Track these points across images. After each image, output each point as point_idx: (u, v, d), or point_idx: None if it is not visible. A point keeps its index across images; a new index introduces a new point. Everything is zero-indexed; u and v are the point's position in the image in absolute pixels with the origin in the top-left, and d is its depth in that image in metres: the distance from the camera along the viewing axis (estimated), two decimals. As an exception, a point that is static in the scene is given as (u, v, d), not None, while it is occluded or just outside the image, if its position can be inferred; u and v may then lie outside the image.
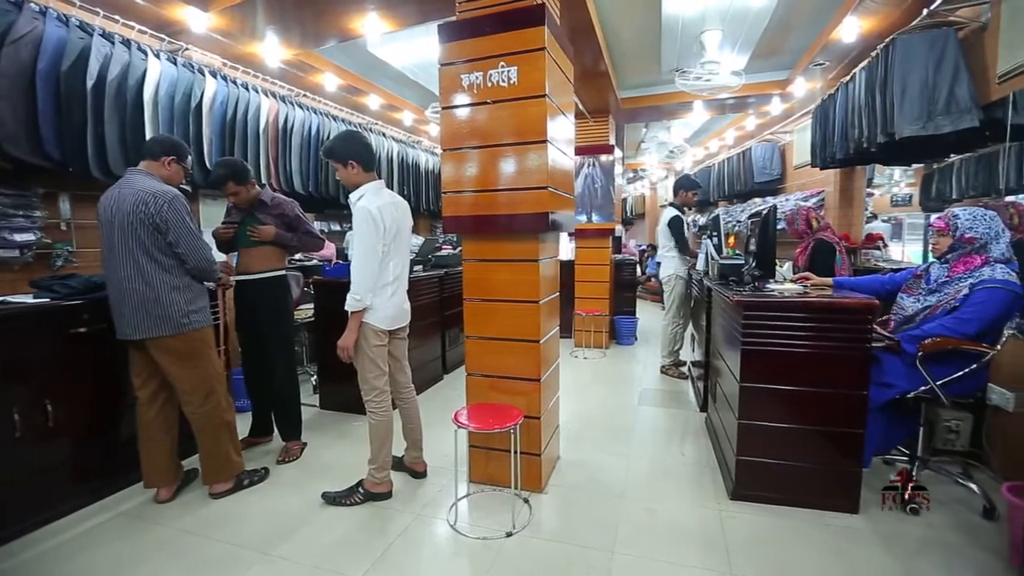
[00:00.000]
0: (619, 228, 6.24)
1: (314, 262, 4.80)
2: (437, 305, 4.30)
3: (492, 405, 2.34)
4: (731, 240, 3.27)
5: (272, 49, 3.85)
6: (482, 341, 2.45)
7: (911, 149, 3.54)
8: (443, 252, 4.97)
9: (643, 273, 8.79)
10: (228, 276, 2.67)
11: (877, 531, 2.07)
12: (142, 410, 2.30)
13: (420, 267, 4.35)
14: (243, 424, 2.95)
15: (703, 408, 3.43)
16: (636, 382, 4.26)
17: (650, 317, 6.80)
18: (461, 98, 2.32)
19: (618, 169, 5.91)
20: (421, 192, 6.14)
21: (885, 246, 5.25)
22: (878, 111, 3.31)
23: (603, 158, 5.51)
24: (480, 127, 2.30)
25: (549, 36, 2.21)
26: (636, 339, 5.73)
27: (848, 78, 3.84)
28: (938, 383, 2.13)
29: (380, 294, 2.24)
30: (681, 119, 7.48)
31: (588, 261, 5.51)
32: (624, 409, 3.63)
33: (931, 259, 2.43)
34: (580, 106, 5.28)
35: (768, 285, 2.54)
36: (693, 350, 4.22)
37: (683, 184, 4.40)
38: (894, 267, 3.81)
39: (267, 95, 3.89)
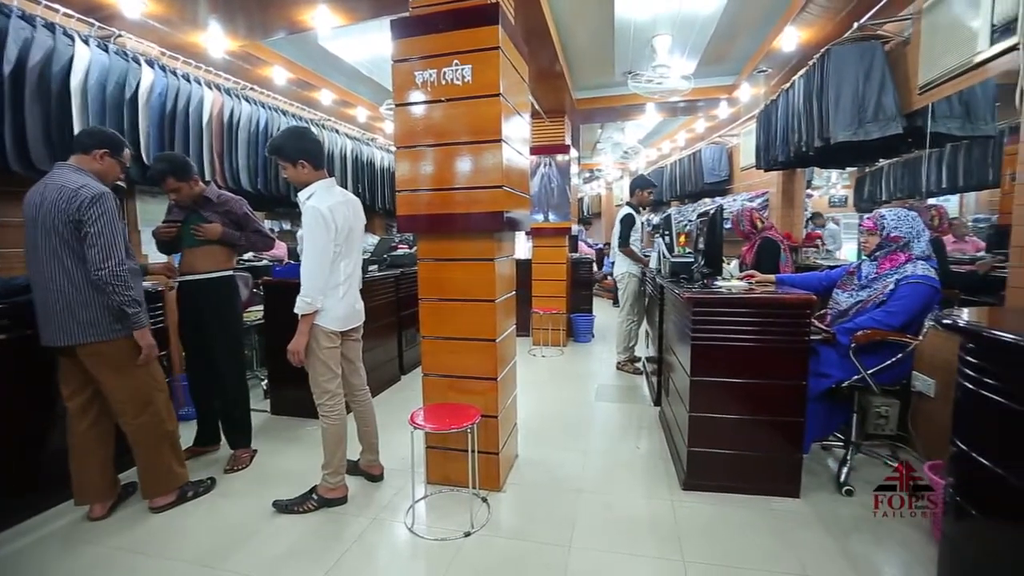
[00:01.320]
0: (575, 227, 6.33)
1: (264, 262, 4.62)
2: (393, 305, 4.23)
3: (449, 405, 2.33)
4: (682, 239, 3.38)
5: (216, 39, 3.68)
6: (438, 341, 2.43)
7: (845, 153, 3.77)
8: (399, 252, 4.91)
9: (599, 271, 8.95)
10: (170, 278, 2.53)
11: (817, 513, 2.20)
12: (73, 422, 2.15)
13: (375, 267, 4.27)
14: (187, 433, 2.81)
15: (657, 402, 3.53)
16: (593, 379, 4.34)
17: (606, 315, 6.94)
18: (415, 95, 2.29)
19: (574, 169, 5.99)
20: (376, 190, 6.02)
21: (823, 245, 5.57)
22: (815, 117, 3.50)
23: (559, 158, 5.57)
24: (434, 125, 2.28)
25: (503, 35, 2.21)
26: (593, 336, 5.83)
27: (788, 85, 4.04)
28: (869, 372, 2.27)
29: (331, 295, 2.18)
30: (635, 120, 7.67)
31: (545, 260, 5.57)
32: (581, 405, 3.69)
33: (863, 257, 2.60)
34: (536, 106, 5.31)
35: (716, 282, 2.64)
36: (647, 346, 4.33)
37: (639, 184, 4.51)
38: (832, 264, 4.04)
39: (211, 87, 3.71)
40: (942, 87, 2.84)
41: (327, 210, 2.11)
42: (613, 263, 4.61)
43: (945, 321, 1.61)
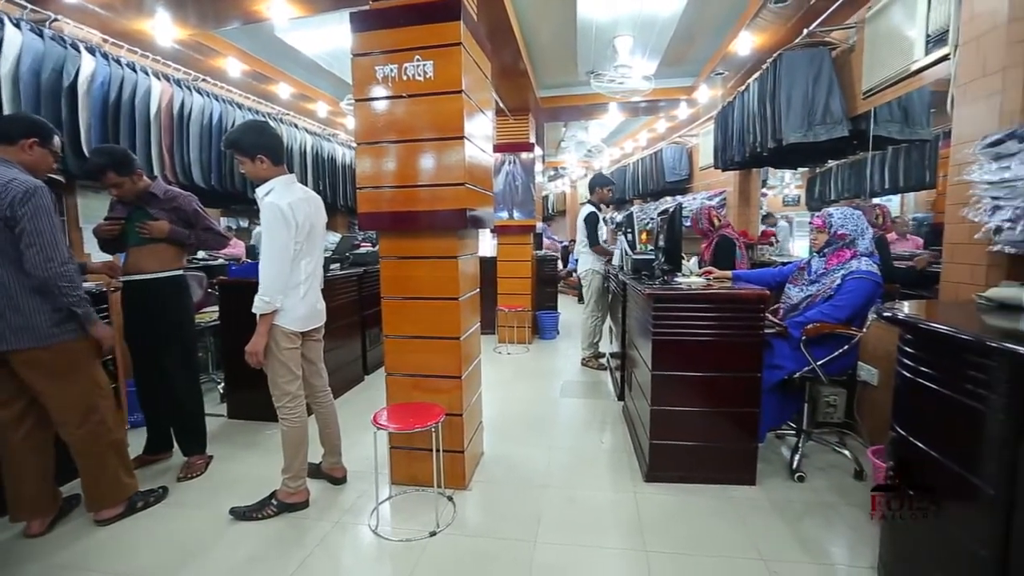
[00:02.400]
0: (540, 225, 6.37)
1: (219, 261, 4.45)
2: (356, 304, 4.16)
3: (413, 404, 2.30)
4: (644, 236, 3.45)
5: (164, 27, 3.51)
6: (402, 340, 2.40)
7: (796, 154, 3.93)
8: (362, 250, 4.82)
9: (564, 268, 9.04)
10: (113, 278, 2.40)
11: (771, 499, 2.29)
12: (7, 433, 2.00)
13: (337, 265, 4.18)
14: (136, 441, 2.68)
15: (620, 397, 3.60)
16: (558, 375, 4.39)
17: (571, 311, 7.01)
18: (375, 90, 2.25)
19: (538, 167, 6.03)
20: (338, 187, 5.88)
21: (777, 242, 5.80)
22: (768, 119, 3.63)
23: (523, 156, 5.59)
24: (396, 121, 2.24)
25: (465, 31, 2.20)
26: (558, 333, 5.89)
27: (744, 88, 4.17)
28: (818, 363, 2.38)
29: (291, 294, 2.12)
30: (598, 120, 7.77)
31: (510, 257, 5.58)
32: (546, 402, 3.72)
33: (812, 253, 2.72)
34: (500, 104, 5.31)
35: (676, 278, 2.71)
36: (611, 342, 4.40)
37: (597, 182, 4.58)
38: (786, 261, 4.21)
39: (159, 78, 3.53)
40: (883, 93, 3.00)
41: (287, 207, 2.05)
42: (577, 260, 4.67)
43: (885, 314, 1.70)
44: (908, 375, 1.61)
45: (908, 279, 3.24)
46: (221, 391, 3.59)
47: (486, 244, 6.38)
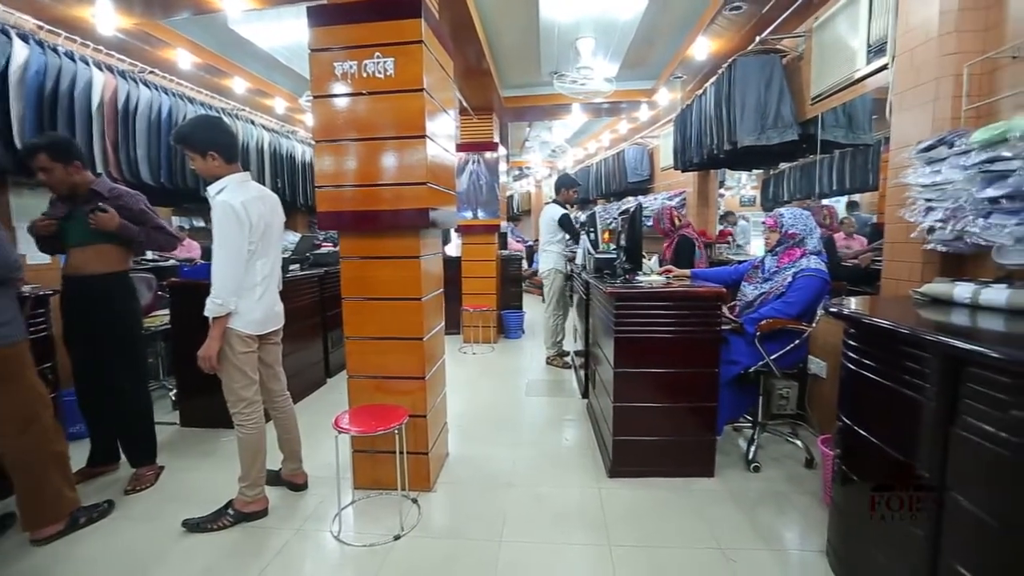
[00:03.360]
0: (506, 224, 6.38)
1: (170, 263, 4.26)
2: (317, 306, 4.06)
3: (376, 407, 2.27)
4: (606, 235, 3.51)
5: (105, 15, 3.32)
6: (363, 341, 2.36)
7: (751, 157, 4.08)
8: (323, 250, 4.71)
9: (529, 268, 9.08)
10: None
11: (728, 490, 2.37)
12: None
13: (297, 266, 4.07)
14: (79, 453, 2.53)
15: (585, 395, 3.65)
16: (523, 374, 4.41)
17: (537, 311, 7.02)
18: (334, 87, 2.20)
19: (503, 166, 6.02)
20: (297, 186, 5.71)
21: (734, 241, 6.00)
22: (724, 122, 3.75)
23: (487, 155, 5.59)
24: (355, 119, 2.20)
25: (427, 29, 2.18)
26: (523, 332, 5.92)
27: (701, 91, 4.30)
28: (772, 358, 2.47)
29: (247, 297, 2.05)
30: (561, 120, 7.84)
31: (475, 257, 5.57)
32: (512, 401, 3.73)
33: (766, 252, 2.83)
34: (464, 103, 5.29)
35: (638, 277, 2.76)
36: (575, 340, 4.46)
37: (563, 182, 4.62)
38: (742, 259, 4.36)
39: (102, 68, 3.34)
40: (830, 99, 3.15)
41: (240, 205, 1.98)
42: (539, 260, 4.71)
43: (831, 309, 1.79)
44: (852, 367, 1.70)
45: (853, 276, 3.41)
46: (173, 398, 3.44)
47: (451, 244, 6.35)
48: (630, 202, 7.09)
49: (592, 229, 3.52)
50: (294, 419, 2.40)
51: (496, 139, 5.73)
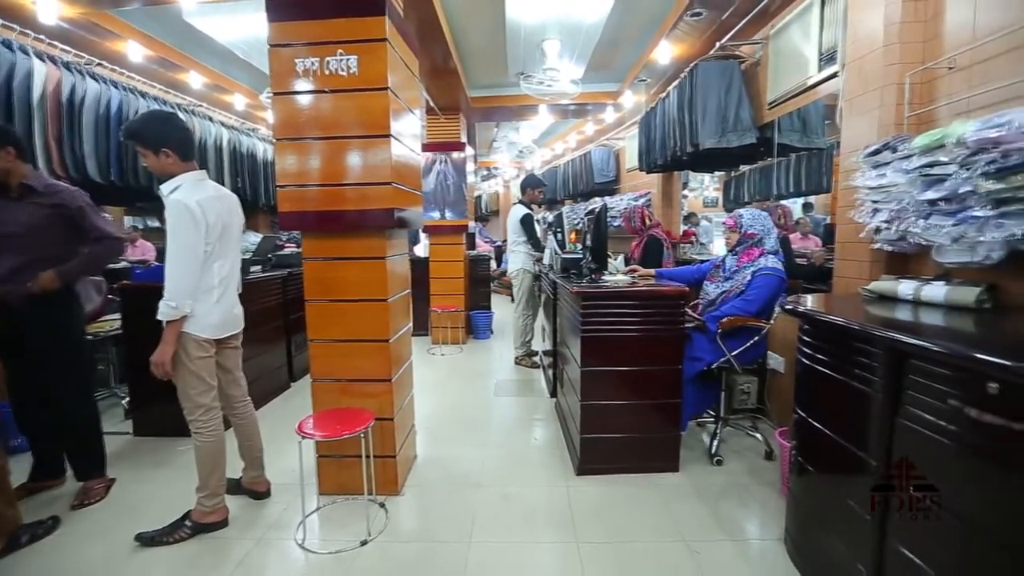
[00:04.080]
0: (475, 225, 6.36)
1: (122, 264, 4.06)
2: (281, 308, 3.96)
3: (341, 410, 2.22)
4: (573, 236, 3.54)
5: (48, 3, 3.15)
6: (328, 344, 2.31)
7: (712, 159, 4.19)
8: (286, 251, 4.59)
9: (498, 268, 9.09)
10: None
11: (693, 484, 2.43)
12: None
13: (258, 268, 3.96)
14: (21, 467, 2.39)
15: (553, 394, 3.68)
16: (492, 374, 4.40)
17: (505, 311, 7.03)
18: (295, 84, 2.14)
19: (470, 167, 6.01)
20: (259, 185, 5.56)
21: (698, 241, 6.16)
22: (687, 125, 3.85)
23: (455, 155, 5.56)
24: (318, 117, 2.15)
25: (391, 27, 2.15)
26: (492, 333, 5.92)
27: (665, 95, 4.39)
28: (733, 354, 2.55)
29: (203, 300, 1.97)
30: (529, 121, 7.87)
31: (442, 258, 5.54)
32: (480, 402, 3.73)
33: (727, 251, 2.91)
34: (430, 102, 5.25)
35: (604, 277, 2.80)
36: (544, 340, 4.48)
37: (529, 182, 4.65)
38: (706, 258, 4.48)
39: (44, 59, 3.16)
40: (785, 104, 3.27)
41: (195, 205, 1.90)
42: (508, 260, 4.72)
43: (787, 307, 1.86)
44: (807, 362, 1.77)
45: (807, 274, 3.55)
46: (125, 406, 3.28)
47: (419, 244, 6.29)
48: (597, 203, 7.19)
49: (559, 229, 3.55)
50: (255, 425, 2.33)
51: (463, 139, 5.70)
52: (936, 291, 1.70)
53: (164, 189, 1.96)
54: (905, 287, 1.81)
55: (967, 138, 1.53)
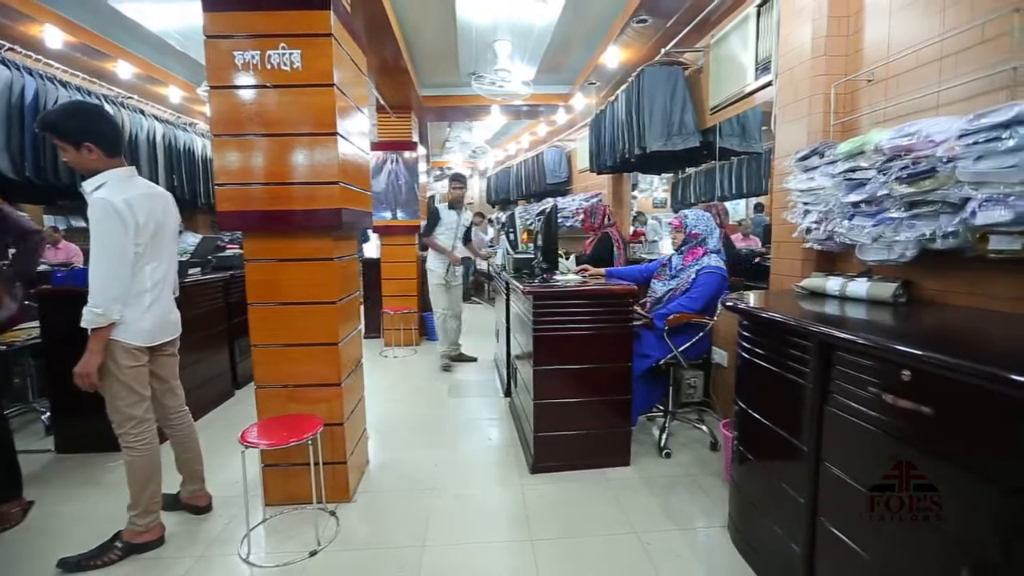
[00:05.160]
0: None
1: (42, 267, 3.75)
2: (223, 312, 3.77)
3: (287, 417, 2.14)
4: (525, 236, 3.57)
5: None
6: (273, 349, 2.22)
7: (659, 161, 4.33)
8: (228, 252, 4.38)
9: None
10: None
11: (643, 477, 2.50)
12: None
13: (198, 270, 3.76)
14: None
15: (507, 394, 3.69)
16: (447, 376, 4.37)
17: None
18: (234, 78, 2.05)
19: (422, 166, 5.94)
20: (197, 183, 5.26)
21: (647, 240, 6.35)
22: (634, 128, 3.95)
23: (406, 154, 5.48)
24: (259, 113, 2.07)
25: (336, 22, 2.10)
26: (447, 334, 5.87)
27: (613, 98, 4.50)
28: (680, 350, 2.65)
29: (134, 305, 1.85)
30: (481, 121, 7.86)
31: (394, 259, 5.45)
32: (435, 403, 3.69)
33: (673, 251, 3.02)
34: (380, 100, 5.15)
35: (555, 276, 2.84)
36: (497, 339, 4.49)
37: (451, 178, 4.61)
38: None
39: (-56, 44, 2.88)
40: (726, 110, 3.42)
41: (122, 204, 1.78)
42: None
43: (727, 303, 1.95)
44: (746, 356, 1.86)
45: (749, 272, 3.72)
46: (46, 422, 3.03)
47: (369, 243, 6.17)
48: (549, 203, 7.28)
49: (511, 230, 3.57)
50: (194, 436, 2.21)
51: (415, 138, 5.63)
52: (859, 287, 1.83)
53: (87, 187, 1.83)
54: (832, 283, 1.94)
55: (883, 145, 1.66)
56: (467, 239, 4.56)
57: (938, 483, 1.10)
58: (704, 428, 2.94)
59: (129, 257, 1.81)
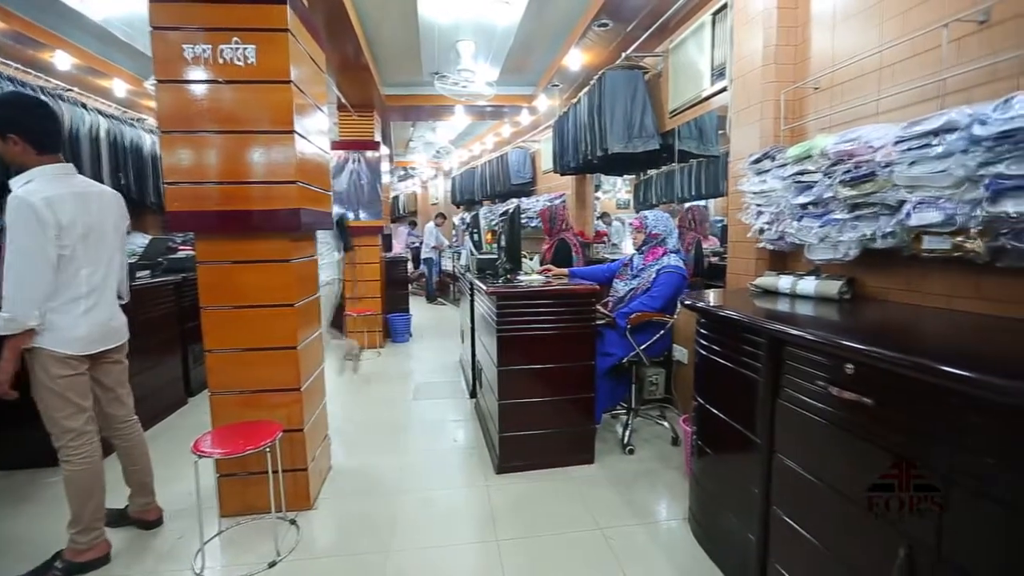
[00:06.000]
0: (388, 226, 6.21)
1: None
2: (175, 317, 3.62)
3: (244, 424, 2.07)
4: (489, 236, 3.57)
5: None
6: (228, 354, 2.14)
7: (621, 163, 4.41)
8: (180, 254, 4.21)
9: (416, 270, 8.94)
10: None
11: (606, 474, 2.54)
12: None
13: (147, 272, 3.58)
14: None
15: (473, 395, 3.68)
16: (411, 378, 4.33)
17: (424, 313, 6.98)
18: (183, 72, 1.96)
19: (385, 166, 5.86)
20: (147, 182, 5.01)
21: (610, 240, 6.46)
22: (596, 130, 4.01)
23: (369, 154, 5.38)
24: (211, 109, 1.99)
25: (293, 17, 2.05)
26: (411, 335, 5.81)
27: (576, 100, 4.55)
28: (642, 348, 2.70)
29: (67, 311, 1.75)
30: (445, 121, 7.81)
31: (357, 260, 5.34)
32: (399, 406, 3.65)
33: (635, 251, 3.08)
34: (342, 98, 5.05)
35: (519, 277, 2.85)
36: (463, 340, 4.47)
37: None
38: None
39: None
40: (684, 114, 3.52)
41: (41, 202, 1.66)
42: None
43: (687, 302, 2.01)
44: (703, 352, 1.91)
45: (709, 272, 3.84)
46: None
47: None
48: (513, 204, 7.30)
49: (476, 230, 3.56)
50: (143, 447, 2.11)
51: (378, 138, 5.54)
52: (808, 285, 1.91)
53: (13, 184, 1.71)
54: (784, 282, 2.02)
55: (828, 150, 1.74)
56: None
57: (881, 470, 1.16)
58: (666, 424, 3.01)
59: (49, 259, 1.69)
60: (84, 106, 4.28)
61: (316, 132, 2.32)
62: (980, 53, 1.50)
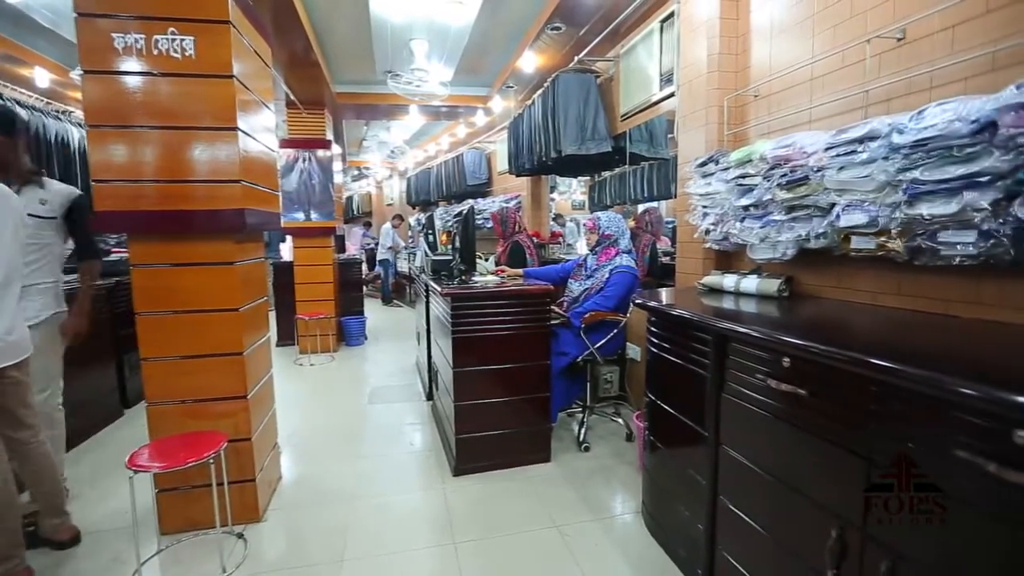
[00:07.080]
0: (341, 227, 6.06)
1: None
2: (107, 324, 3.38)
3: (186, 435, 1.96)
4: (444, 237, 3.55)
5: None
6: (167, 362, 2.02)
7: (575, 164, 4.48)
8: (113, 256, 3.95)
9: (371, 271, 8.76)
10: None
11: (563, 471, 2.57)
12: None
13: (75, 276, 3.33)
14: None
15: (430, 397, 3.64)
16: (366, 382, 4.24)
17: (380, 315, 6.84)
18: (113, 62, 1.85)
19: (337, 165, 5.71)
20: (75, 180, 4.67)
21: (565, 241, 6.54)
22: (551, 132, 4.06)
23: (320, 153, 5.23)
24: (145, 103, 1.88)
25: (235, 9, 1.96)
26: (366, 338, 5.69)
27: (531, 102, 4.58)
28: (596, 347, 2.75)
29: None
30: (400, 120, 7.70)
31: (309, 262, 5.18)
32: (353, 411, 3.56)
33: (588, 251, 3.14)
34: (291, 95, 4.89)
35: (474, 278, 2.85)
36: (419, 343, 4.42)
37: None
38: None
39: None
40: (635, 117, 3.61)
41: None
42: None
43: (637, 301, 2.06)
44: (654, 350, 1.97)
45: (662, 271, 3.96)
46: None
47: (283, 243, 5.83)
48: (467, 205, 7.28)
49: (431, 231, 3.53)
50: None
51: (329, 136, 5.40)
52: (750, 283, 2.01)
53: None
54: (728, 280, 2.11)
55: (767, 155, 1.84)
56: None
57: (814, 457, 1.23)
58: (620, 421, 3.08)
59: None
60: (0, 96, 3.95)
61: (262, 129, 2.23)
62: (898, 67, 1.62)
